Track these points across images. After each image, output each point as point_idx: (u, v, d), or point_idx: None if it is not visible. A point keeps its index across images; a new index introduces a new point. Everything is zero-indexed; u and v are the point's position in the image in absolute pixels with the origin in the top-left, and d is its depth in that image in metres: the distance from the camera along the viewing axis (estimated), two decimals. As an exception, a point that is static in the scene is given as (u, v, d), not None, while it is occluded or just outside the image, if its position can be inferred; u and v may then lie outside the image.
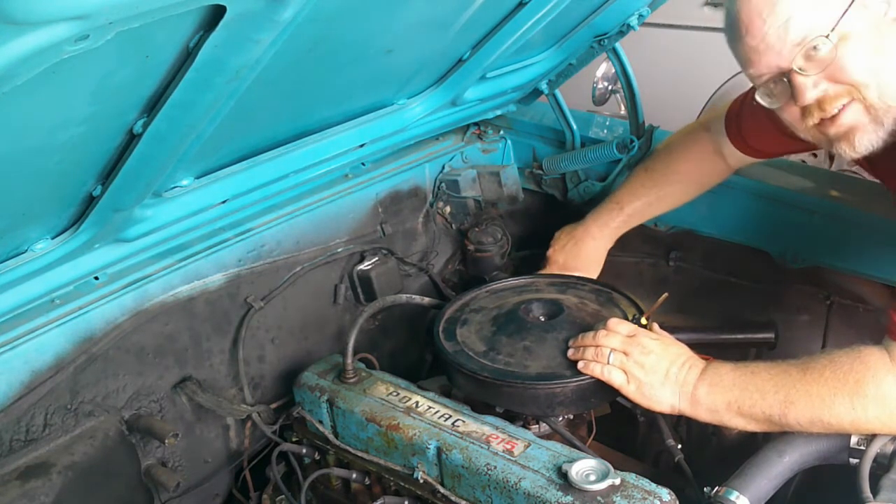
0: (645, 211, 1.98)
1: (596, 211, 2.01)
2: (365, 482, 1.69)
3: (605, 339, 1.52)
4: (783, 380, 1.38)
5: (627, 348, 1.50)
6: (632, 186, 1.98)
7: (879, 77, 1.29)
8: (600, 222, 1.99)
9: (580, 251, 2.00)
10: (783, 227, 1.96)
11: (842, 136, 1.35)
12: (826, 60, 1.27)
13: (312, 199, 1.99)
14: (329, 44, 1.31)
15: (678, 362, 1.49)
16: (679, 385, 1.47)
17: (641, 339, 1.52)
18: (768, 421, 1.40)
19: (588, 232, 2.00)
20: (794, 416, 1.36)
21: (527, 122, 2.40)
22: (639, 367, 1.49)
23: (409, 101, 1.89)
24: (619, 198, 1.99)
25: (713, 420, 1.47)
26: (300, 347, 2.00)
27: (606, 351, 1.50)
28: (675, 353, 1.50)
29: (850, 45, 1.27)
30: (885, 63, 1.29)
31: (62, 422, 1.57)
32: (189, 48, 1.05)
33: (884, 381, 1.31)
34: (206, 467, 1.85)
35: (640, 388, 1.49)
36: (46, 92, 0.95)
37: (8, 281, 1.43)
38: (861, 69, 1.28)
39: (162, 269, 1.71)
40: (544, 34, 1.84)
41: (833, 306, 1.93)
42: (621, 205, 1.97)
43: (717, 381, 1.44)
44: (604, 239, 2.00)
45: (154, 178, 1.38)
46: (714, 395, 1.44)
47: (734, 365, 1.46)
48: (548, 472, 1.36)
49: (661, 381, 1.48)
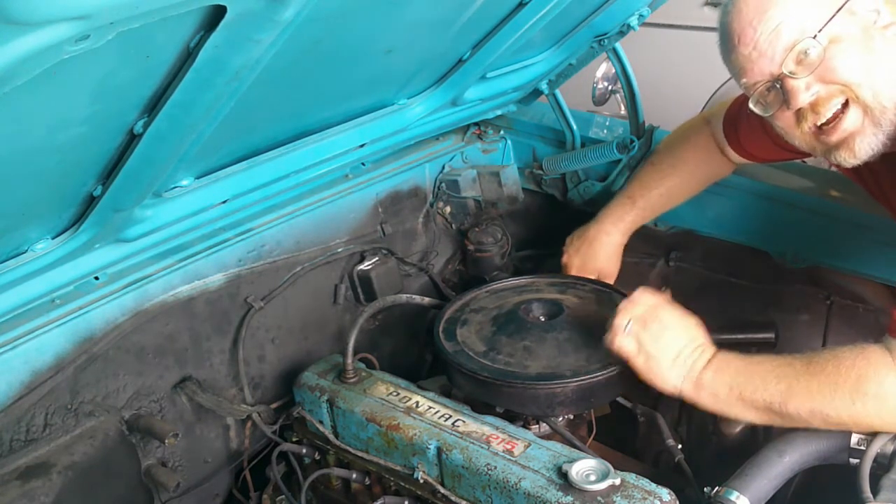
0: (657, 203, 1.96)
1: (607, 209, 1.99)
2: (365, 482, 1.69)
3: (626, 306, 1.52)
4: (786, 370, 1.39)
5: (647, 319, 1.49)
6: (641, 180, 1.97)
7: (871, 77, 1.31)
8: (613, 218, 1.97)
9: (596, 251, 1.97)
10: (783, 227, 1.96)
11: (842, 143, 1.37)
12: (816, 62, 1.30)
13: (312, 199, 1.99)
14: (329, 44, 1.31)
15: (692, 345, 1.48)
16: (687, 369, 1.46)
17: (663, 313, 1.50)
18: (769, 410, 1.39)
19: (602, 229, 1.98)
20: (794, 406, 1.36)
21: (527, 122, 2.39)
22: (653, 340, 1.48)
23: (409, 101, 1.89)
24: (629, 192, 1.97)
25: (714, 406, 1.45)
26: (300, 347, 2.00)
27: (625, 320, 1.50)
28: (691, 336, 1.49)
29: (840, 46, 1.31)
30: (876, 63, 1.32)
31: (62, 422, 1.57)
32: (189, 48, 1.05)
33: (885, 380, 1.31)
34: (206, 467, 1.85)
35: (649, 362, 1.48)
36: (47, 92, 0.95)
37: (8, 281, 1.43)
38: (852, 68, 1.31)
39: (162, 269, 1.72)
40: (544, 34, 1.84)
41: (833, 306, 1.93)
42: (633, 199, 1.96)
43: (723, 368, 1.44)
44: (618, 234, 1.98)
45: (154, 178, 1.38)
46: (717, 380, 1.44)
47: (742, 354, 1.46)
48: (548, 472, 1.36)
49: (671, 360, 1.47)
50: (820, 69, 1.31)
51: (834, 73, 1.32)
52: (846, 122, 1.34)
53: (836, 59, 1.31)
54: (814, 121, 1.36)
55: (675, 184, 1.94)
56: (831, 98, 1.34)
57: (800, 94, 1.33)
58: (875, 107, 1.33)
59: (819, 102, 1.34)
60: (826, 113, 1.35)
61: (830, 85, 1.33)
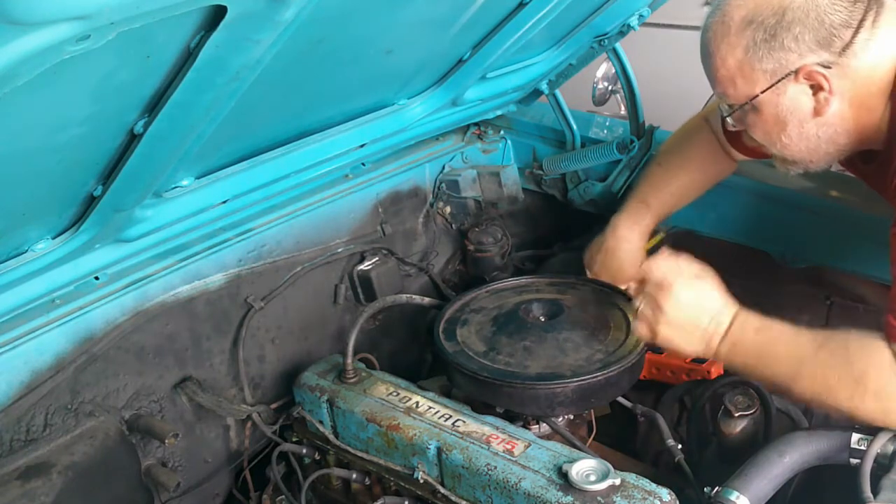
0: (668, 203, 1.93)
1: (620, 215, 1.93)
2: (365, 482, 1.70)
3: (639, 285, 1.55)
4: (797, 352, 1.41)
5: (661, 299, 1.48)
6: (651, 182, 1.95)
7: (777, 147, 1.47)
8: (629, 223, 1.91)
9: (622, 261, 1.91)
10: (783, 227, 1.96)
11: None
12: (738, 119, 1.48)
13: (313, 199, 1.99)
14: (329, 44, 1.31)
15: (707, 317, 1.48)
16: (705, 341, 1.48)
17: (676, 291, 1.48)
18: (776, 387, 1.48)
19: (621, 237, 1.91)
20: (798, 389, 1.40)
21: (527, 123, 2.39)
22: (666, 325, 1.48)
23: (409, 101, 1.89)
24: (641, 196, 1.94)
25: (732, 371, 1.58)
26: (300, 347, 2.00)
27: (637, 302, 1.52)
28: (706, 308, 1.48)
29: (755, 117, 1.44)
30: (784, 138, 1.45)
31: (62, 422, 1.57)
32: (190, 48, 1.05)
33: (888, 382, 1.32)
34: (206, 467, 1.85)
35: (667, 340, 1.51)
36: (47, 92, 0.95)
37: (8, 281, 1.43)
38: (761, 137, 1.48)
39: (162, 269, 1.71)
40: (544, 34, 1.84)
41: (833, 306, 1.93)
42: (646, 201, 1.92)
43: (739, 340, 1.46)
44: (638, 240, 1.92)
45: (155, 178, 1.38)
46: (733, 355, 1.47)
47: (759, 325, 1.46)
48: (548, 472, 1.36)
49: (688, 337, 1.49)
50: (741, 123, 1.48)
51: (749, 129, 1.49)
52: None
53: (751, 126, 1.47)
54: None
55: (685, 183, 1.92)
56: (753, 139, 1.51)
57: (730, 124, 1.52)
58: (782, 158, 1.50)
59: (747, 136, 1.53)
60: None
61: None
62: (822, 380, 1.36)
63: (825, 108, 1.38)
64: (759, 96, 1.39)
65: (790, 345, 1.42)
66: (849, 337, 1.38)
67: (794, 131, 1.43)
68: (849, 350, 1.36)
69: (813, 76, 1.35)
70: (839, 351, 1.37)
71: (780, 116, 1.41)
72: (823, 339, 1.40)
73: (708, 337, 1.47)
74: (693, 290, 1.49)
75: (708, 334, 1.47)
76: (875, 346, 1.35)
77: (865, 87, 1.37)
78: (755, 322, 1.46)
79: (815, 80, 1.36)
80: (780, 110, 1.41)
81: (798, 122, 1.41)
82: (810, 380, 1.38)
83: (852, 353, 1.36)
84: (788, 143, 1.45)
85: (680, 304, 1.48)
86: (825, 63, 1.34)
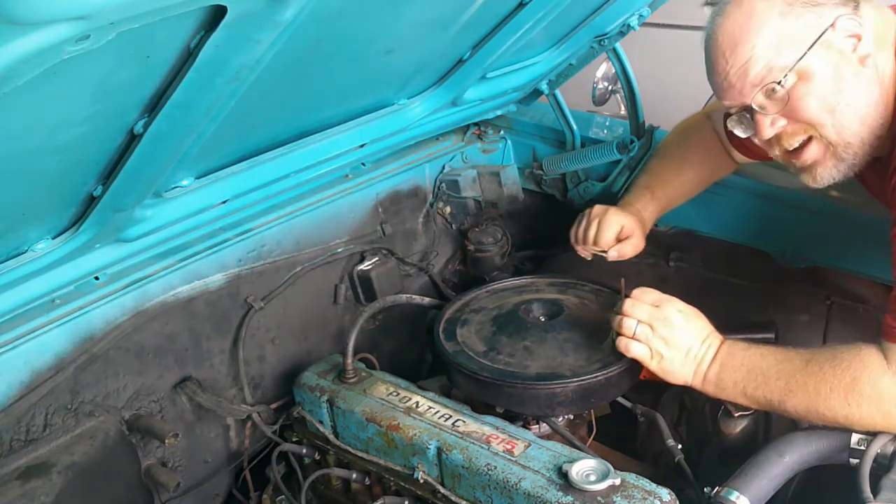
0: (672, 195, 1.93)
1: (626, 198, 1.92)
2: (365, 482, 1.69)
3: (631, 308, 1.52)
4: (786, 367, 1.41)
5: (653, 321, 1.50)
6: (657, 174, 1.94)
7: (835, 117, 1.36)
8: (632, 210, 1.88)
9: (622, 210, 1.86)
10: (783, 227, 1.96)
11: (805, 169, 1.44)
12: (783, 101, 1.35)
13: (313, 199, 1.99)
14: (329, 44, 1.31)
15: (699, 339, 1.50)
16: (696, 363, 1.49)
17: (667, 312, 1.50)
18: (769, 405, 1.44)
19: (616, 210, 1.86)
20: (791, 404, 1.40)
21: (527, 123, 2.39)
22: (663, 342, 1.49)
23: (409, 101, 1.89)
24: (646, 183, 1.93)
25: (722, 397, 1.50)
26: (300, 347, 2.00)
27: (632, 323, 1.51)
28: (697, 329, 1.51)
29: (808, 86, 1.34)
30: (843, 101, 1.35)
31: (62, 422, 1.57)
32: (190, 48, 1.05)
33: (879, 382, 1.32)
34: (206, 467, 1.85)
35: (661, 363, 1.51)
36: (47, 92, 0.95)
37: (8, 281, 1.43)
38: (816, 110, 1.36)
39: (162, 269, 1.72)
40: (544, 34, 1.84)
41: (833, 306, 1.93)
42: (651, 190, 1.91)
43: (729, 361, 1.47)
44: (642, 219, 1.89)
45: (155, 178, 1.38)
46: (723, 374, 1.47)
47: (746, 345, 1.48)
48: (548, 472, 1.36)
49: (681, 358, 1.49)
50: (787, 107, 1.36)
51: (799, 113, 1.37)
52: (808, 153, 1.42)
53: (802, 101, 1.35)
54: (781, 148, 1.44)
55: (689, 178, 1.93)
56: (795, 135, 1.41)
57: (765, 129, 1.40)
58: (838, 143, 1.39)
59: (783, 137, 1.41)
60: (792, 143, 1.42)
61: (795, 122, 1.38)
62: (815, 391, 1.36)
63: (867, 58, 1.34)
64: (812, 48, 1.32)
65: (779, 360, 1.43)
66: (837, 347, 1.40)
67: (849, 87, 1.34)
68: (838, 358, 1.37)
69: (847, 24, 1.33)
70: (829, 360, 1.37)
71: (835, 72, 1.34)
72: (811, 353, 1.41)
73: (700, 358, 1.49)
74: (684, 315, 1.52)
75: (700, 354, 1.49)
76: (865, 352, 1.36)
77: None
78: (742, 344, 1.49)
79: (851, 29, 1.33)
80: (830, 66, 1.33)
81: (852, 75, 1.34)
82: (803, 393, 1.38)
83: (843, 360, 1.36)
84: (846, 107, 1.35)
85: (674, 325, 1.50)
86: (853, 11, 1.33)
